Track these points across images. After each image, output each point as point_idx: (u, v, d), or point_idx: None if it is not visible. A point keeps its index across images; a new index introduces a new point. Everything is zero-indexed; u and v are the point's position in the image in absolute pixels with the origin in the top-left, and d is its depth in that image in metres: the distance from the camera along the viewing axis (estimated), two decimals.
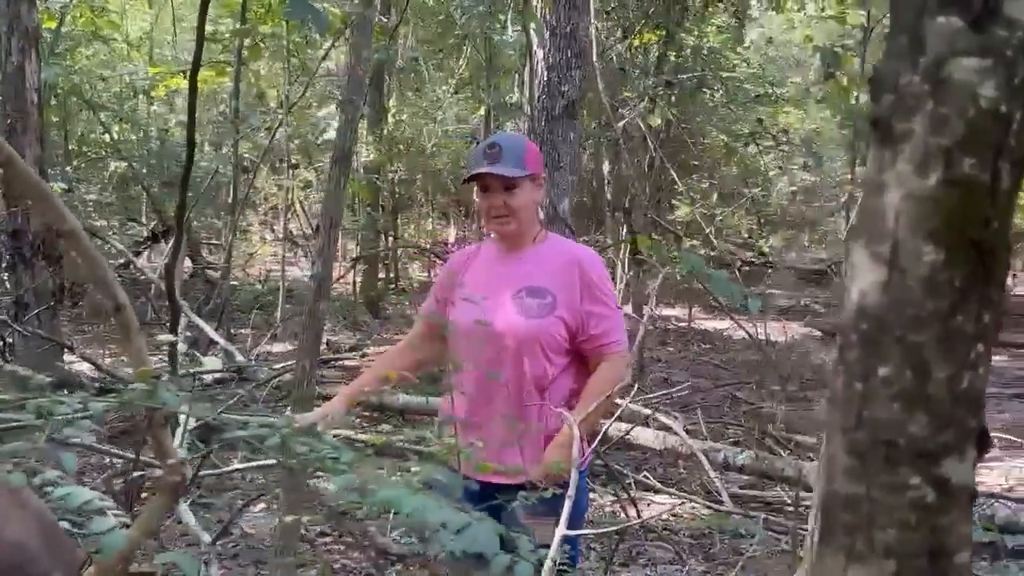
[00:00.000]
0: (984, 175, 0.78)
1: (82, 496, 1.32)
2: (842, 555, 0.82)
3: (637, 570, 5.32)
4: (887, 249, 0.80)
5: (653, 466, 6.89)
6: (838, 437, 0.83)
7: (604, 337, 2.97)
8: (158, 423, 2.06)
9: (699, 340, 11.64)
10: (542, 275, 3.02)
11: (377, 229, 13.58)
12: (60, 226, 2.03)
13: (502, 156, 3.00)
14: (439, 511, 1.25)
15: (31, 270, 6.11)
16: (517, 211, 3.03)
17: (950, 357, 0.79)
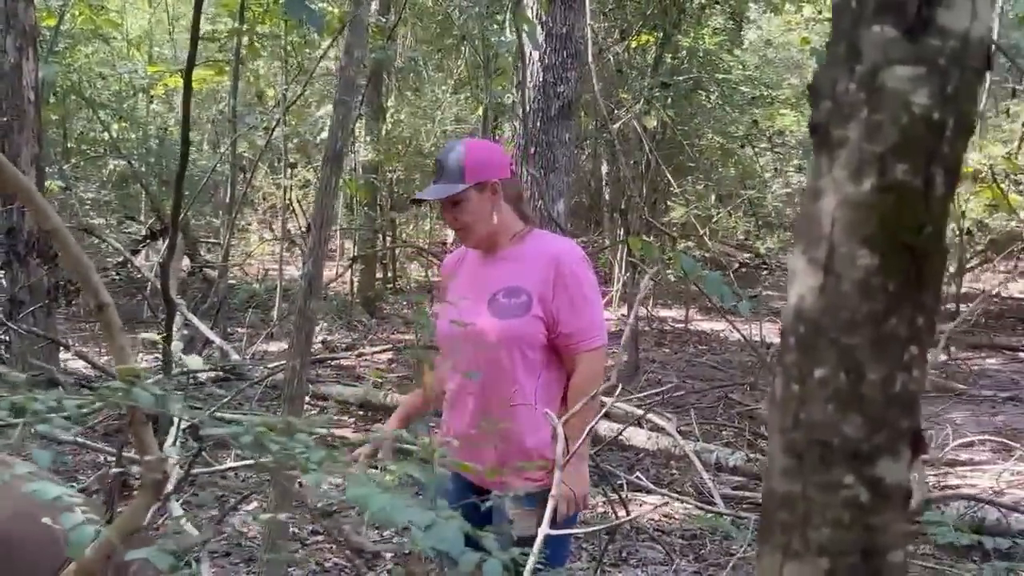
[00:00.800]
0: (917, 181, 0.79)
1: (52, 491, 1.33)
2: (779, 553, 0.83)
3: (628, 570, 5.34)
4: (823, 254, 0.82)
5: (646, 467, 6.91)
6: (777, 437, 0.85)
7: (577, 336, 2.95)
8: (139, 420, 2.08)
9: (695, 341, 11.66)
10: (519, 274, 3.01)
11: (375, 229, 13.59)
12: (43, 224, 2.06)
13: (444, 173, 3.00)
14: (405, 510, 1.27)
15: (26, 268, 6.13)
16: (470, 224, 3.02)
17: (883, 360, 0.81)
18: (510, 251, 3.08)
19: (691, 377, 9.75)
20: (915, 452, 0.83)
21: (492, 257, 3.11)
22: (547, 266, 2.97)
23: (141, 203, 14.75)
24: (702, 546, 5.68)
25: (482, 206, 3.02)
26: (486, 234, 3.06)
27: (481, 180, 3.00)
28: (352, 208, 13.98)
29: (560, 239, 3.20)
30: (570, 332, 2.94)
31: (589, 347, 2.96)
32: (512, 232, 3.08)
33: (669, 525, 5.99)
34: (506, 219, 3.09)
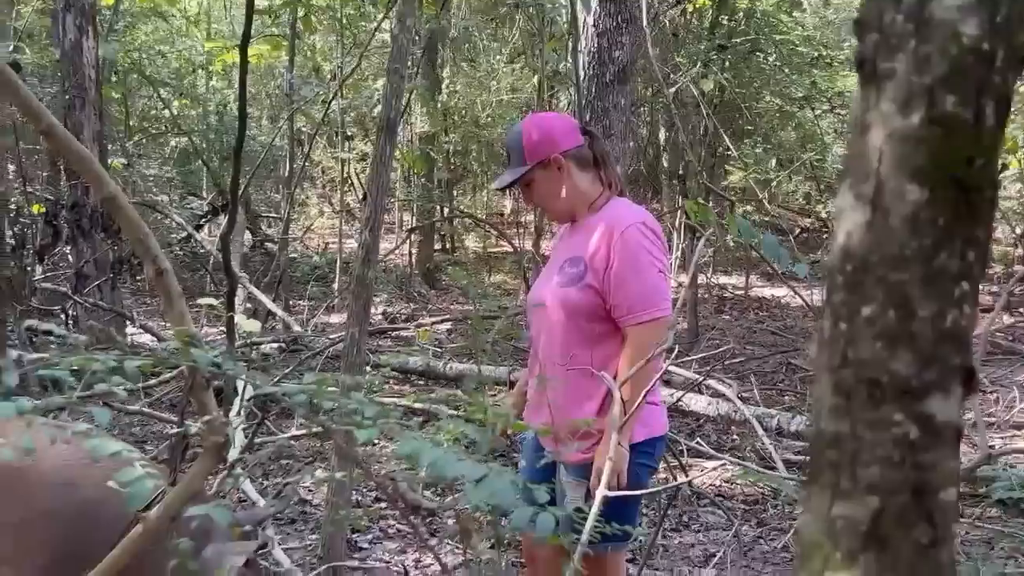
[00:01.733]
0: (967, 113, 0.77)
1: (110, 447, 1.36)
2: (828, 492, 0.82)
3: (689, 535, 5.34)
4: (870, 189, 0.80)
5: (707, 433, 6.89)
6: (824, 377, 0.84)
7: (624, 308, 2.90)
8: (200, 385, 2.12)
9: (756, 308, 11.56)
10: (583, 244, 3.01)
11: (432, 200, 13.63)
12: (100, 191, 2.09)
13: (511, 158, 3.06)
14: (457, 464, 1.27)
15: (91, 242, 6.24)
16: (542, 202, 3.07)
17: (933, 296, 0.79)
18: (586, 221, 3.06)
19: (751, 343, 9.68)
20: (967, 389, 0.81)
21: (571, 228, 3.13)
22: (604, 236, 2.94)
23: (202, 179, 14.95)
24: (763, 511, 5.66)
25: (549, 183, 3.03)
26: (562, 209, 3.07)
27: (542, 158, 3.01)
28: (409, 180, 14.03)
29: (628, 209, 3.09)
30: (618, 304, 2.90)
31: (636, 320, 2.88)
32: (590, 201, 3.07)
33: (731, 490, 5.97)
34: (582, 189, 3.07)
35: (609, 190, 3.10)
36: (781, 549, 5.05)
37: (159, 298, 9.39)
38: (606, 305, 2.94)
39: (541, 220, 11.64)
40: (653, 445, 3.03)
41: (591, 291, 2.94)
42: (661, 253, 2.98)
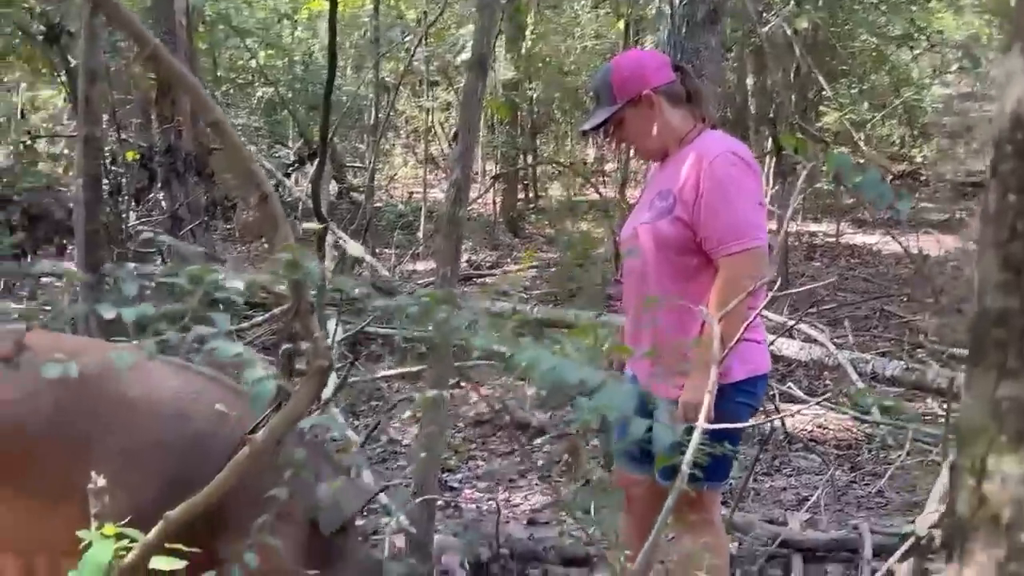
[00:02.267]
0: None
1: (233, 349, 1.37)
2: (993, 373, 0.78)
3: (781, 479, 5.28)
4: None
5: (798, 378, 6.79)
6: (990, 252, 0.79)
7: (714, 240, 2.82)
8: (304, 309, 2.13)
9: (847, 255, 11.33)
10: (672, 177, 2.95)
11: (516, 148, 13.58)
12: (205, 117, 2.10)
13: (598, 100, 3.02)
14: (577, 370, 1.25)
15: (184, 186, 6.34)
16: (633, 141, 3.03)
17: None
18: (677, 154, 3.01)
19: (843, 290, 9.50)
20: None
21: (663, 163, 3.08)
22: (692, 166, 2.88)
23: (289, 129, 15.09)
24: (857, 455, 5.57)
25: (641, 121, 2.97)
26: (654, 147, 3.02)
27: (632, 96, 2.95)
28: (493, 128, 13.98)
29: (720, 140, 2.99)
30: (708, 235, 2.83)
31: (727, 252, 2.80)
32: (681, 136, 3.00)
33: (823, 435, 5.89)
34: (673, 125, 3.00)
35: (702, 124, 3.02)
36: (875, 494, 4.97)
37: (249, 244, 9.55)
38: (696, 238, 2.87)
39: (626, 168, 11.53)
40: (755, 384, 2.95)
41: (680, 224, 2.87)
42: (753, 182, 2.90)
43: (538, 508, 4.87)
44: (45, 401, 2.98)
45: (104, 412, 3.01)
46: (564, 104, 15.17)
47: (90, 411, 3.00)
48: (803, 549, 4.16)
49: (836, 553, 4.20)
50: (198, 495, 2.00)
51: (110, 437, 3.01)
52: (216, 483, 2.02)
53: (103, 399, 3.05)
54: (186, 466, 2.82)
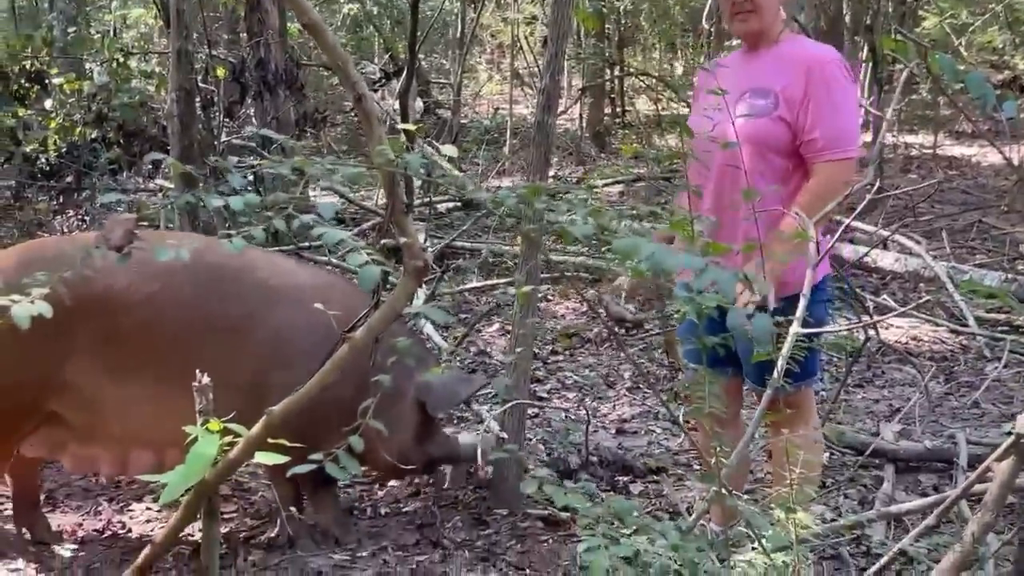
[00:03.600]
0: None
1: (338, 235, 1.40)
2: None
3: (874, 391, 5.23)
4: None
5: (893, 290, 6.68)
6: None
7: (821, 142, 2.84)
8: (400, 210, 2.15)
9: (945, 167, 11.02)
10: (771, 75, 2.93)
11: (603, 59, 13.38)
12: (301, 18, 2.11)
13: None
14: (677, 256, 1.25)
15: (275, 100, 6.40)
16: (761, 7, 2.96)
17: None
18: (769, 51, 3.01)
19: (940, 203, 9.26)
20: None
21: (748, 56, 3.05)
22: (800, 68, 2.89)
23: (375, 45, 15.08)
24: (953, 367, 5.48)
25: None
26: (766, 26, 2.99)
27: None
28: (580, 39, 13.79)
29: (820, 45, 3.10)
30: (815, 138, 2.85)
31: (833, 156, 2.84)
32: (775, 32, 3.01)
33: (918, 347, 5.79)
34: (781, 16, 3.03)
35: None
36: (971, 406, 4.89)
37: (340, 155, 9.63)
38: (796, 140, 2.87)
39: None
40: (826, 283, 3.06)
41: (783, 124, 2.88)
42: (855, 92, 2.99)
43: (626, 418, 4.90)
44: (188, 293, 3.16)
45: (252, 300, 3.21)
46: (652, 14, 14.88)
47: (237, 298, 3.20)
48: (896, 459, 4.13)
49: (930, 463, 4.16)
50: (301, 390, 2.06)
51: (260, 324, 3.21)
52: (318, 378, 2.07)
53: (247, 287, 3.25)
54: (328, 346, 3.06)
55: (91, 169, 6.60)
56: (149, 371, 3.14)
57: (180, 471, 1.94)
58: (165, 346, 3.14)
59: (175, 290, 3.15)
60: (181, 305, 3.16)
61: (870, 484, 3.99)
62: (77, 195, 6.77)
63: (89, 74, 7.39)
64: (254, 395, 2.99)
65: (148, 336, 3.13)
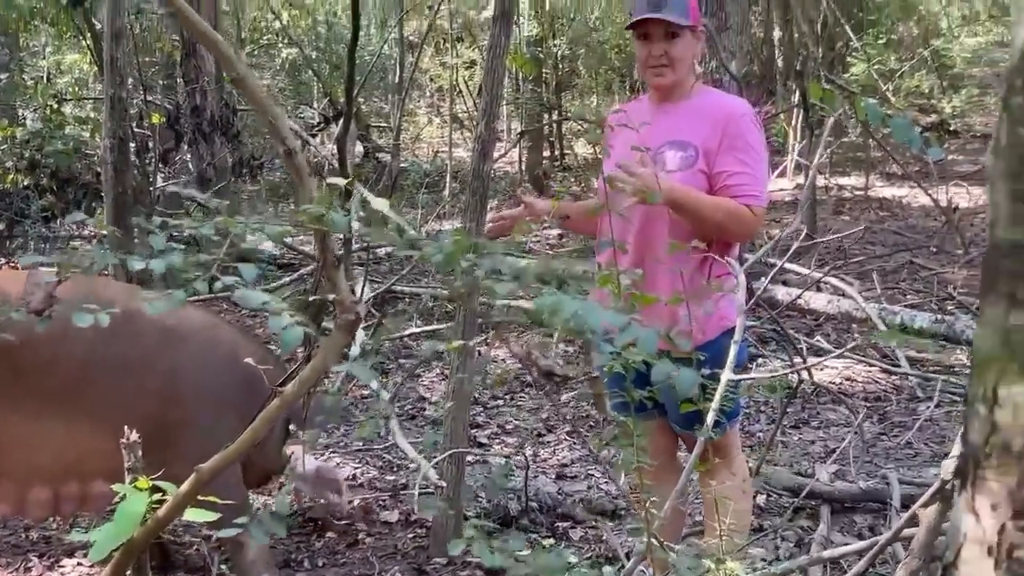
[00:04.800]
0: None
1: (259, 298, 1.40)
2: (1004, 302, 0.79)
3: (809, 432, 5.30)
4: None
5: (826, 331, 6.78)
6: (1001, 185, 0.80)
7: (736, 190, 2.88)
8: (331, 263, 2.15)
9: (876, 208, 11.25)
10: (688, 128, 2.98)
11: (541, 104, 13.51)
12: (229, 71, 2.11)
13: (667, 3, 2.96)
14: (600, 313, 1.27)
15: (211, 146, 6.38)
16: (676, 61, 2.99)
17: None
18: (682, 104, 3.05)
19: (872, 243, 9.44)
20: None
21: (664, 109, 3.07)
22: (717, 121, 2.94)
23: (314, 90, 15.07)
24: (886, 407, 5.57)
25: (687, 50, 3.01)
26: (679, 79, 3.03)
27: (696, 24, 3.01)
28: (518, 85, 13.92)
29: (731, 97, 3.17)
30: (732, 184, 2.89)
31: (747, 202, 2.88)
32: (689, 85, 3.06)
33: (852, 388, 5.88)
34: (694, 69, 3.08)
35: None
36: (904, 446, 4.97)
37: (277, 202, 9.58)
38: (713, 189, 2.92)
39: None
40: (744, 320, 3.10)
41: (703, 176, 2.93)
42: (764, 147, 3.02)
43: (566, 463, 4.91)
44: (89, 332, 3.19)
45: (149, 339, 3.31)
46: (589, 60, 15.07)
47: (136, 337, 3.26)
48: (832, 500, 4.18)
49: (865, 504, 4.22)
50: (231, 446, 2.04)
51: (157, 362, 3.31)
52: (248, 434, 2.06)
53: (145, 327, 3.31)
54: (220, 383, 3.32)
55: (24, 217, 6.51)
56: (51, 408, 3.16)
57: (109, 529, 1.92)
58: (67, 383, 3.17)
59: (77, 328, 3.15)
60: (82, 343, 3.17)
61: (807, 526, 4.03)
62: (9, 243, 6.67)
63: (22, 120, 7.31)
64: (154, 432, 3.00)
65: (50, 373, 3.15)
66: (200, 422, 3.32)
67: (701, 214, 2.87)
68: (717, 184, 2.91)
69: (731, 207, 2.87)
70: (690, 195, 2.85)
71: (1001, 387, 0.79)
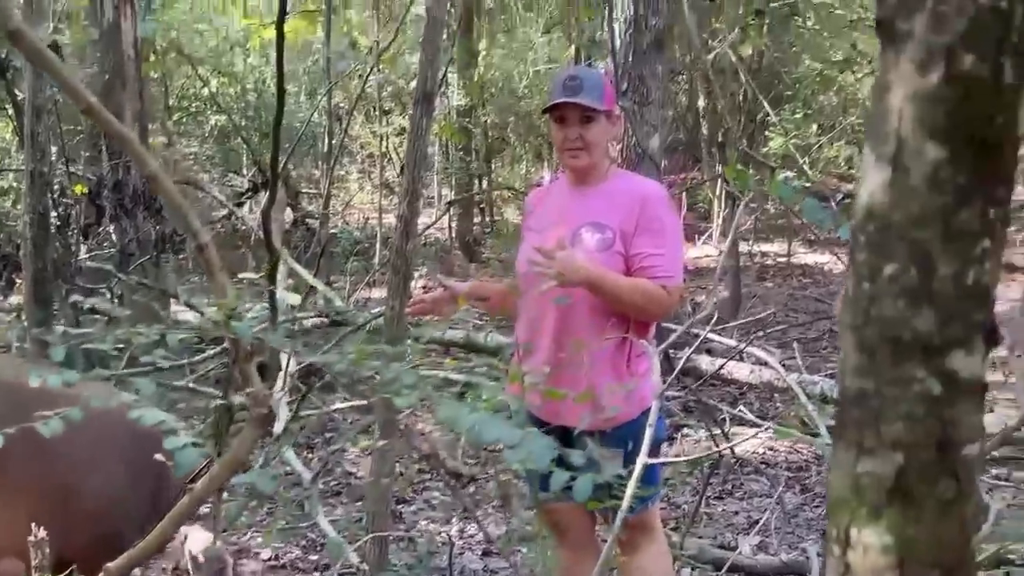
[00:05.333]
0: (985, 71, 0.78)
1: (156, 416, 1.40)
2: (853, 449, 0.84)
3: (733, 503, 5.35)
4: (891, 149, 0.81)
5: (749, 400, 6.88)
6: (849, 335, 0.85)
7: (651, 271, 2.93)
8: (243, 358, 2.16)
9: (799, 275, 11.48)
10: (605, 210, 3.03)
11: (470, 173, 13.63)
12: (141, 169, 2.13)
13: (583, 88, 3.03)
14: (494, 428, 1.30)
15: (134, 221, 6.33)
16: (591, 145, 3.06)
17: (955, 253, 0.80)
18: (598, 187, 3.10)
19: (795, 311, 9.62)
20: (989, 345, 0.82)
21: (579, 191, 3.13)
22: (633, 204, 2.99)
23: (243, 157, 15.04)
24: (807, 477, 5.65)
25: (603, 134, 3.07)
26: (594, 162, 3.09)
27: (611, 110, 3.08)
28: (447, 154, 14.03)
29: (646, 179, 3.25)
30: (648, 265, 2.94)
31: (663, 282, 2.94)
32: (604, 168, 3.12)
33: (774, 458, 5.96)
34: (609, 153, 3.17)
35: None
36: (825, 516, 5.04)
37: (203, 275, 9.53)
38: (630, 272, 2.97)
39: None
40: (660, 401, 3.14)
41: (620, 257, 2.98)
42: (679, 229, 3.12)
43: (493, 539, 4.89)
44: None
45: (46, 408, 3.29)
46: (518, 128, 15.26)
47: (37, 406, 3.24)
48: (753, 574, 4.22)
49: None
50: (137, 547, 2.03)
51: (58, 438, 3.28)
52: (156, 533, 2.05)
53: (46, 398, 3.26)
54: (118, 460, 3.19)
55: None
56: None
57: None
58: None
59: None
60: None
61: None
62: None
63: None
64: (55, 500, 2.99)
65: None
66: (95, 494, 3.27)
67: (619, 295, 2.92)
68: (633, 265, 2.96)
69: (648, 288, 2.93)
70: (608, 277, 2.91)
71: (852, 529, 0.83)
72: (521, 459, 1.28)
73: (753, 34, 9.31)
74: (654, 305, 2.95)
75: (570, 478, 1.49)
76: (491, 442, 1.30)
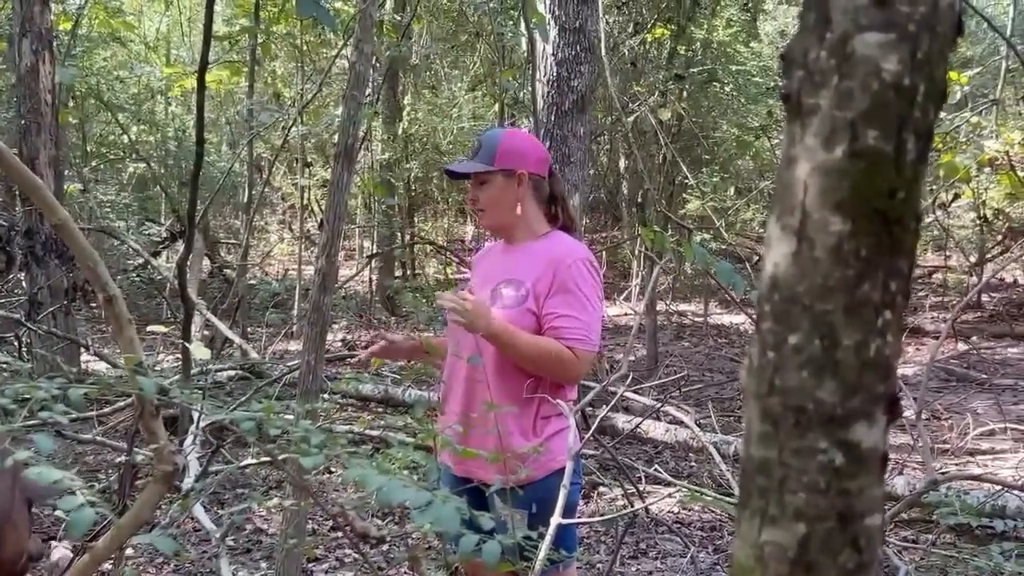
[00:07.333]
0: (888, 147, 0.80)
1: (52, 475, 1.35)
2: (757, 518, 0.84)
3: (647, 563, 5.34)
4: (796, 221, 0.82)
5: (665, 460, 6.91)
6: (753, 404, 0.85)
7: (560, 331, 2.90)
8: (149, 412, 2.10)
9: (715, 335, 11.64)
10: (524, 268, 3.02)
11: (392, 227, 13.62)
12: (49, 217, 2.08)
13: (479, 152, 3.06)
14: (402, 490, 1.28)
15: (45, 269, 6.18)
16: (488, 205, 3.06)
17: (857, 325, 0.81)
18: (524, 245, 3.10)
19: (710, 370, 9.74)
20: (891, 416, 0.83)
21: (508, 249, 3.14)
22: (550, 263, 2.97)
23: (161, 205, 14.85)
24: (721, 537, 5.68)
25: (505, 193, 3.05)
26: (503, 222, 3.08)
27: (509, 167, 3.04)
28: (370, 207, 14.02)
29: (573, 242, 3.18)
30: (558, 325, 2.91)
31: (571, 344, 2.91)
32: (533, 230, 3.10)
33: (688, 517, 5.98)
34: (530, 216, 3.10)
35: (552, 225, 3.15)
36: None
37: None
38: (542, 331, 2.97)
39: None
40: (576, 462, 3.10)
41: (531, 315, 2.96)
42: (599, 291, 3.05)
43: None
44: None
45: None
46: (441, 183, 15.33)
47: None
48: None
49: None
50: None
51: None
52: None
53: None
54: None
55: None
56: None
57: None
58: None
59: None
60: None
61: None
62: None
63: None
64: None
65: None
66: None
67: (519, 351, 2.89)
68: (545, 325, 2.95)
69: (551, 347, 2.89)
70: (507, 329, 2.88)
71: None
72: (429, 522, 1.26)
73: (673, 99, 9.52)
74: (560, 366, 2.91)
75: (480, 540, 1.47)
76: (399, 504, 1.28)
